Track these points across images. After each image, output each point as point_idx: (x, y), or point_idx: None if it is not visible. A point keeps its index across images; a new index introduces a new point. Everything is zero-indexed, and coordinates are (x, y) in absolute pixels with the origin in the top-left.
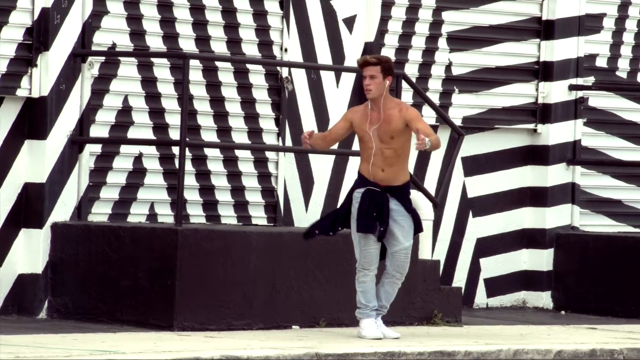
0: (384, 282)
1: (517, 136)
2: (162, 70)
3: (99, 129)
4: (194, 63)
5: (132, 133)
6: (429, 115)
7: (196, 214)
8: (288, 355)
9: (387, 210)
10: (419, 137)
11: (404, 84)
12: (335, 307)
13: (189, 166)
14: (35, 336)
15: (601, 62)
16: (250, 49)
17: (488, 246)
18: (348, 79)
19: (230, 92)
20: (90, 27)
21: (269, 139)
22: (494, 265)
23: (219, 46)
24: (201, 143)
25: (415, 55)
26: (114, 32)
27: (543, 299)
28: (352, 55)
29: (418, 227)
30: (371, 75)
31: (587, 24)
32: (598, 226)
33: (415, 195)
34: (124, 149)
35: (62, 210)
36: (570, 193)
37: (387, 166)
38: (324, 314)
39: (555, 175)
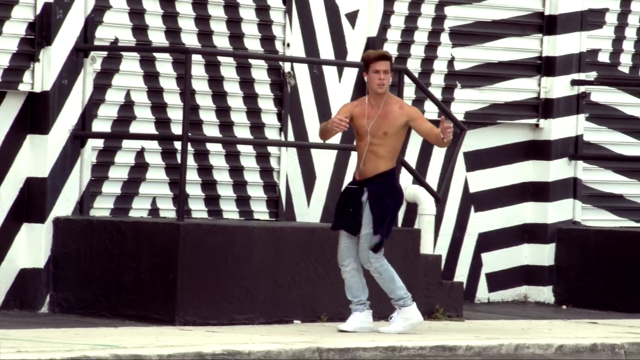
0: None
1: (519, 131)
2: (164, 65)
3: (101, 124)
4: (196, 58)
5: (134, 128)
6: (431, 110)
7: (198, 209)
8: (289, 350)
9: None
10: (444, 124)
11: (407, 79)
12: (336, 302)
13: (191, 161)
14: (37, 330)
15: (603, 57)
16: (253, 43)
17: (490, 241)
18: (350, 74)
19: (232, 87)
20: (92, 21)
21: (271, 134)
22: (496, 260)
23: (221, 41)
24: (203, 138)
25: (417, 50)
26: (116, 27)
27: (544, 293)
28: (355, 50)
29: (386, 226)
30: (385, 70)
31: (589, 19)
32: (600, 221)
33: (417, 190)
34: (126, 143)
35: (64, 205)
36: (572, 188)
37: (371, 160)
38: (326, 308)
39: (557, 170)
